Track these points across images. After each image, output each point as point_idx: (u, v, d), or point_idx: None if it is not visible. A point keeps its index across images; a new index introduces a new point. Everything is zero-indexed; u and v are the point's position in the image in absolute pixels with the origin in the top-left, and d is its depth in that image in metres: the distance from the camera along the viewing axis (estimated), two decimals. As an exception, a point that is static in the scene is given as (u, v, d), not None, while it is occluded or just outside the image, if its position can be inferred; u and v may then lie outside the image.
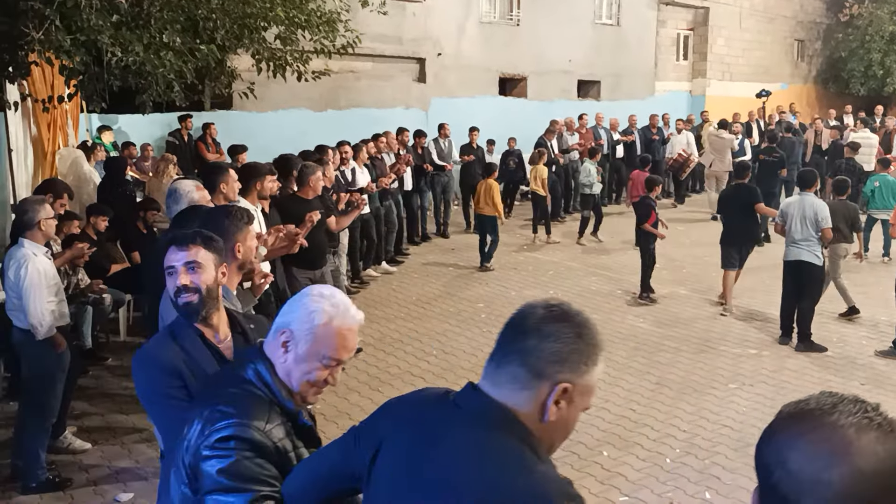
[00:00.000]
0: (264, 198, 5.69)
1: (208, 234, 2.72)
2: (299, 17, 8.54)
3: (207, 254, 2.67)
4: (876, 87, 23.58)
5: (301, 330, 2.06)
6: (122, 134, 12.60)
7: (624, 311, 8.90)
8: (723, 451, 5.48)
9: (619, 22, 20.25)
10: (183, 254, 2.64)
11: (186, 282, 2.60)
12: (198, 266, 2.63)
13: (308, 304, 2.07)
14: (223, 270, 2.72)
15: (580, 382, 1.61)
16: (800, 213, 7.69)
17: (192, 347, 2.58)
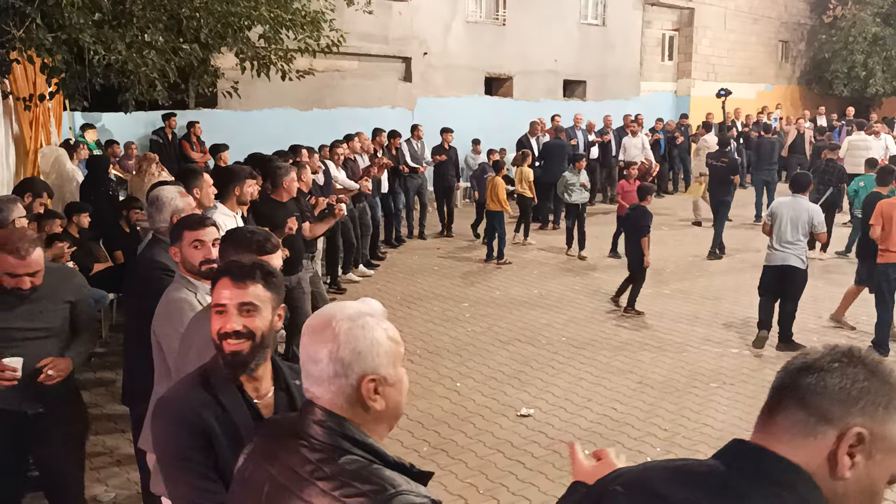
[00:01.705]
0: (243, 203, 5.30)
1: (269, 269, 2.30)
2: (283, 17, 8.52)
3: (266, 293, 2.26)
4: (859, 89, 23.79)
5: (386, 363, 1.71)
6: (106, 132, 12.54)
7: (607, 311, 8.94)
8: (703, 449, 5.52)
9: (605, 22, 20.32)
10: (239, 291, 2.22)
11: (238, 327, 2.19)
12: (253, 308, 2.23)
13: (370, 331, 1.70)
14: (280, 312, 2.32)
15: (879, 431, 1.31)
16: (791, 215, 7.51)
17: (230, 402, 2.18)
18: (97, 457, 5.40)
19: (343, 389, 1.66)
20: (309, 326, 1.73)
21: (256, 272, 2.26)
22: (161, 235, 4.00)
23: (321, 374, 1.67)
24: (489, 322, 8.53)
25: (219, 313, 2.23)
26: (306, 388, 1.71)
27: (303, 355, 1.71)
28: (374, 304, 1.84)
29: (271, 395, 2.31)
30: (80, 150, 10.41)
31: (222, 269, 2.30)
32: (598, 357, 7.44)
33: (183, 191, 4.28)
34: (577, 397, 6.47)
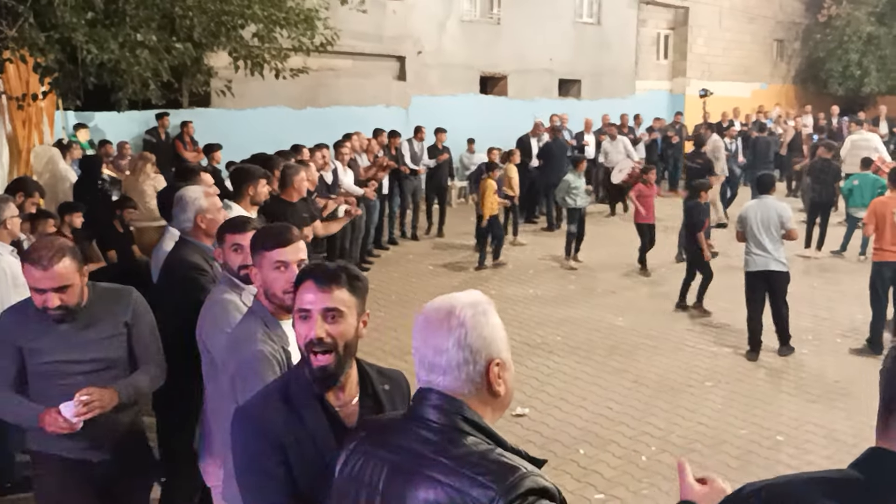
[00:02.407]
0: (256, 204, 5.16)
1: (355, 272, 2.16)
2: (277, 15, 8.51)
3: (352, 298, 2.12)
4: (854, 87, 23.83)
5: (505, 348, 1.76)
6: (99, 132, 12.49)
7: (602, 310, 8.93)
8: (698, 448, 5.52)
9: (600, 21, 20.32)
10: (324, 296, 2.07)
11: (322, 333, 2.05)
12: (339, 315, 2.08)
13: (490, 318, 1.75)
14: (365, 319, 2.18)
15: None
16: (760, 217, 7.35)
17: (310, 416, 2.08)
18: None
19: (471, 376, 1.68)
20: (426, 319, 1.74)
21: (342, 275, 2.11)
22: (187, 235, 3.99)
23: (449, 363, 1.68)
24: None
25: (302, 318, 2.09)
26: (428, 381, 1.70)
27: (422, 348, 1.72)
28: (478, 293, 1.80)
29: (356, 401, 2.18)
30: (73, 150, 10.36)
31: (306, 271, 2.16)
32: (593, 356, 7.43)
33: (208, 190, 4.23)
34: (573, 396, 6.46)
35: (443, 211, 13.23)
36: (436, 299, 1.78)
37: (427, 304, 1.78)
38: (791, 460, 5.30)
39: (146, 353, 3.30)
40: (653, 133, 17.04)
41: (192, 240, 3.97)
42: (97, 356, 3.12)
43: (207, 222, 3.97)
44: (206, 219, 3.97)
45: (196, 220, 3.96)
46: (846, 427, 5.81)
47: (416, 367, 1.73)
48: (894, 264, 7.41)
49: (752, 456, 5.38)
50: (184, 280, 3.77)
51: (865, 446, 1.44)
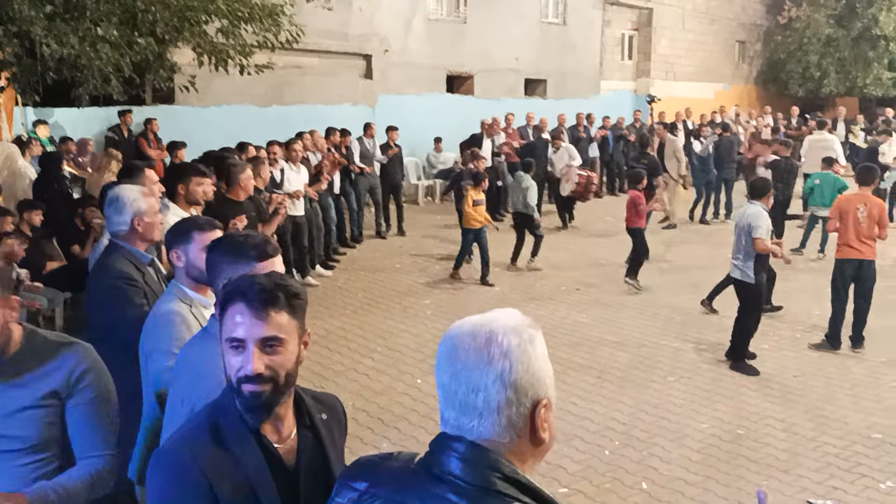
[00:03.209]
0: (193, 203, 4.89)
1: (294, 289, 1.84)
2: (241, 11, 8.44)
3: (292, 322, 1.82)
4: (813, 89, 24.30)
5: (552, 383, 1.46)
6: (59, 128, 12.27)
7: (567, 307, 8.99)
8: (660, 442, 5.58)
9: (566, 21, 20.47)
10: (260, 324, 1.77)
11: (261, 369, 1.76)
12: (278, 343, 1.79)
13: (538, 347, 1.45)
14: (306, 339, 1.89)
15: None
16: (738, 223, 7.26)
17: (247, 455, 1.77)
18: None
19: (513, 421, 1.37)
20: (457, 346, 1.42)
21: (279, 296, 1.79)
22: (119, 240, 3.65)
23: (487, 404, 1.37)
24: (450, 319, 8.43)
25: (234, 349, 1.78)
26: (458, 425, 1.39)
27: (451, 383, 1.40)
28: (518, 314, 1.48)
29: (294, 435, 1.89)
30: (32, 147, 10.18)
31: (233, 291, 1.80)
32: (558, 353, 7.47)
33: (146, 190, 3.93)
34: (537, 392, 6.49)
35: (399, 208, 13.08)
36: (466, 321, 1.48)
37: (455, 327, 1.47)
38: (751, 453, 5.39)
39: (86, 442, 2.36)
40: (603, 131, 17.09)
41: (123, 244, 3.63)
42: (11, 434, 2.27)
43: (144, 226, 3.64)
44: (144, 222, 3.64)
45: (133, 222, 3.62)
46: (805, 421, 5.91)
47: (442, 405, 1.43)
48: (856, 262, 7.48)
49: (713, 449, 5.46)
50: (110, 290, 3.48)
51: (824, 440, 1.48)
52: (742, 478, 5.06)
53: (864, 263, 7.48)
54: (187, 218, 3.30)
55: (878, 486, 4.98)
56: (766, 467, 5.20)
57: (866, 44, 23.67)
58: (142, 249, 3.66)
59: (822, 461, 5.29)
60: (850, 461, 5.28)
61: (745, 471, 5.15)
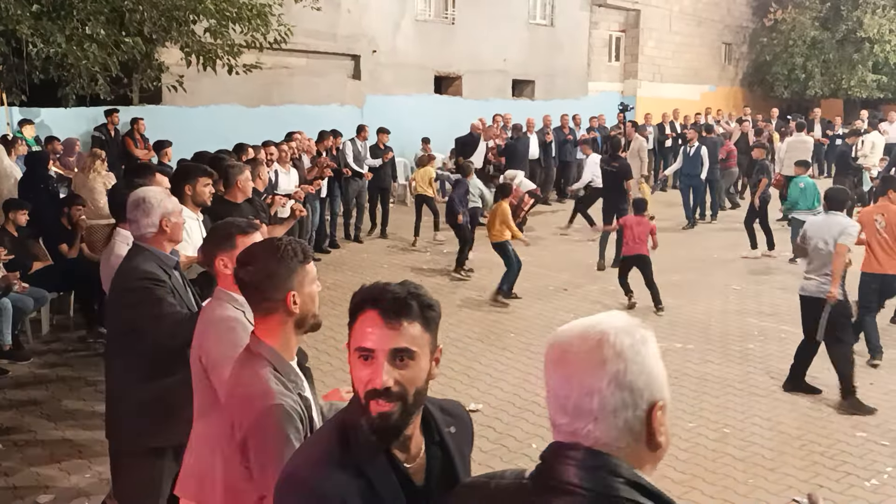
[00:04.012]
0: (199, 204, 4.83)
1: (428, 299, 1.73)
2: (229, 10, 8.42)
3: (425, 334, 1.70)
4: (798, 91, 24.48)
5: (666, 384, 1.40)
6: (45, 128, 12.19)
7: (555, 308, 9.03)
8: (648, 441, 5.61)
9: (553, 22, 20.52)
10: (392, 333, 1.65)
11: (390, 382, 1.63)
12: (410, 356, 1.66)
13: (651, 347, 1.39)
14: (438, 356, 1.76)
15: None
16: (825, 234, 6.40)
17: (379, 478, 1.66)
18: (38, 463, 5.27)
19: (630, 424, 1.32)
20: (565, 349, 1.37)
21: (413, 305, 1.67)
22: (145, 243, 3.57)
23: (603, 407, 1.31)
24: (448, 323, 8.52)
25: (364, 359, 1.65)
26: (572, 430, 1.33)
27: (561, 387, 1.35)
28: (624, 315, 1.43)
29: (423, 454, 1.76)
30: (18, 146, 10.11)
31: (368, 298, 1.68)
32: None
33: (167, 191, 3.86)
34: (525, 392, 6.52)
35: (385, 212, 12.99)
36: (572, 325, 1.43)
37: (562, 331, 1.42)
38: (737, 452, 5.43)
39: None
40: (592, 132, 17.10)
41: (147, 247, 3.56)
42: None
43: (172, 227, 3.59)
44: (171, 223, 3.59)
45: (161, 224, 3.55)
46: (791, 419, 5.96)
47: (551, 412, 1.38)
48: (878, 276, 7.26)
49: (700, 448, 5.50)
50: (138, 292, 3.42)
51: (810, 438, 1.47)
52: (728, 476, 5.10)
53: (887, 278, 7.26)
54: (227, 221, 3.12)
55: (862, 483, 5.03)
56: (752, 466, 5.24)
57: (851, 46, 23.87)
58: (167, 251, 3.60)
59: (807, 459, 5.33)
60: (835, 459, 5.33)
61: (732, 469, 5.19)
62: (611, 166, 11.23)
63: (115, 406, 3.63)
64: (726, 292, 9.78)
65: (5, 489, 4.88)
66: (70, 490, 4.84)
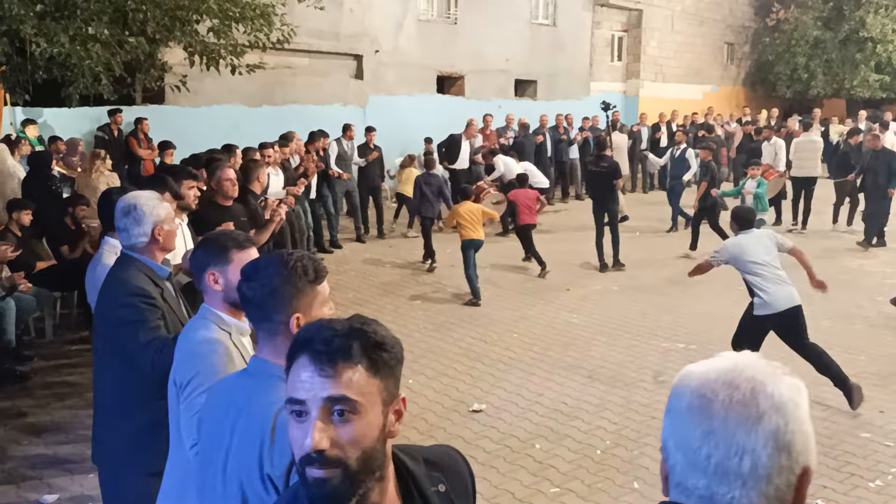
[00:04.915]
0: (185, 208, 4.64)
1: (377, 338, 1.40)
2: (233, 10, 8.44)
3: (372, 380, 1.37)
4: (801, 90, 24.45)
5: (814, 451, 1.21)
6: (48, 128, 12.20)
7: (557, 307, 9.02)
8: (651, 441, 5.61)
9: (556, 22, 20.52)
10: (323, 382, 1.34)
11: (324, 444, 1.31)
12: (352, 410, 1.34)
13: (804, 398, 1.20)
14: (399, 408, 1.44)
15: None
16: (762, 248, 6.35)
17: None
18: (42, 460, 5.28)
19: (781, 492, 1.14)
20: (714, 400, 1.17)
21: (353, 345, 1.37)
22: (135, 252, 3.29)
23: (755, 471, 1.13)
24: (441, 319, 8.55)
25: (295, 415, 1.36)
26: (709, 494, 1.15)
27: (702, 444, 1.16)
28: (757, 356, 1.24)
29: None
30: (21, 146, 10.12)
31: (300, 339, 1.39)
32: (548, 352, 7.50)
33: (158, 195, 3.63)
34: (528, 392, 6.52)
35: (379, 210, 12.95)
36: (707, 367, 1.24)
37: (698, 374, 1.23)
38: (741, 452, 5.42)
39: None
40: (584, 132, 17.07)
41: (138, 256, 3.27)
42: None
43: (165, 235, 3.32)
44: (164, 231, 3.31)
45: (153, 233, 3.28)
46: (793, 419, 5.95)
47: (683, 470, 1.19)
48: None
49: (704, 448, 5.49)
50: (122, 308, 3.13)
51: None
52: (732, 477, 5.09)
53: None
54: (220, 232, 2.86)
55: (867, 484, 5.02)
56: (756, 466, 5.23)
57: (853, 46, 23.84)
58: (159, 261, 3.34)
59: (810, 460, 5.31)
60: (838, 460, 5.32)
61: (735, 470, 5.18)
62: (599, 167, 11.12)
63: (105, 428, 3.33)
64: (730, 293, 9.76)
65: (8, 484, 4.89)
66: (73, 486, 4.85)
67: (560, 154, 16.58)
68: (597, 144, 11.68)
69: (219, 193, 5.40)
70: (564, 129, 16.97)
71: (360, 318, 1.43)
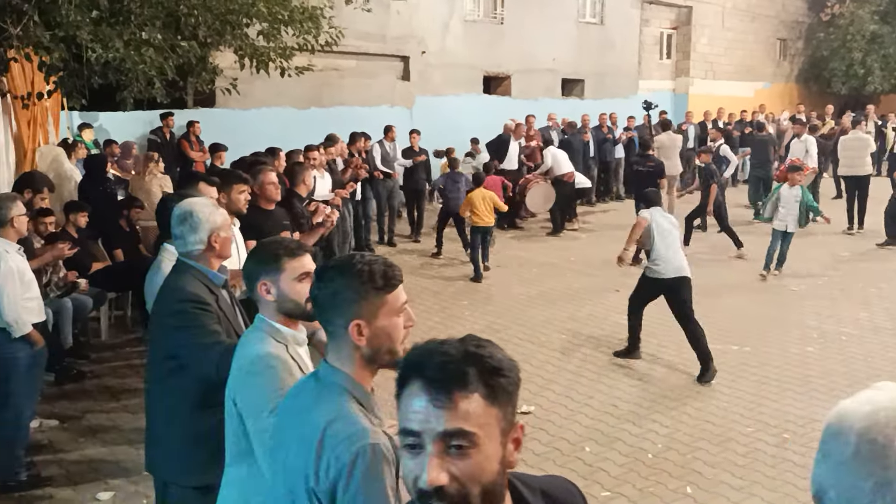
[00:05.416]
0: (236, 212, 4.58)
1: (494, 363, 1.29)
2: (282, 14, 8.51)
3: (490, 409, 1.27)
4: (857, 87, 23.83)
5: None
6: (104, 132, 12.51)
7: (606, 308, 8.92)
8: (704, 445, 5.50)
9: (603, 21, 20.32)
10: (438, 413, 1.25)
11: (442, 479, 1.23)
12: (471, 443, 1.25)
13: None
14: (517, 436, 1.33)
15: None
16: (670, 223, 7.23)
17: None
18: (98, 458, 5.37)
19: None
20: (888, 446, 1.08)
21: (469, 372, 1.26)
22: (191, 259, 3.25)
23: None
24: (488, 320, 8.51)
25: (409, 449, 1.27)
26: None
27: (868, 494, 1.08)
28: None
29: None
30: (77, 150, 10.38)
31: (411, 363, 1.31)
32: (597, 354, 7.42)
33: (214, 201, 3.55)
34: (577, 395, 6.45)
35: (420, 215, 12.90)
36: (874, 402, 1.16)
37: (856, 411, 1.17)
38: (798, 458, 5.28)
39: None
40: (629, 132, 16.84)
41: (194, 264, 3.23)
42: None
43: (221, 242, 3.28)
44: (220, 238, 3.27)
45: (210, 241, 3.24)
46: (853, 425, 5.78)
47: None
48: None
49: (759, 454, 5.37)
50: (178, 315, 3.08)
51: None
52: (789, 482, 4.97)
53: None
54: (272, 240, 2.81)
55: None
56: (814, 472, 5.09)
57: (912, 40, 23.18)
58: (215, 269, 3.30)
59: (871, 467, 5.16)
60: None
61: (792, 475, 5.05)
62: (646, 166, 11.19)
63: (155, 437, 3.29)
64: (784, 293, 9.56)
65: (65, 484, 4.99)
66: (127, 485, 4.93)
67: (604, 154, 16.41)
68: (641, 143, 11.65)
69: (261, 197, 5.31)
70: (609, 128, 16.81)
71: (475, 340, 1.32)
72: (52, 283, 6.67)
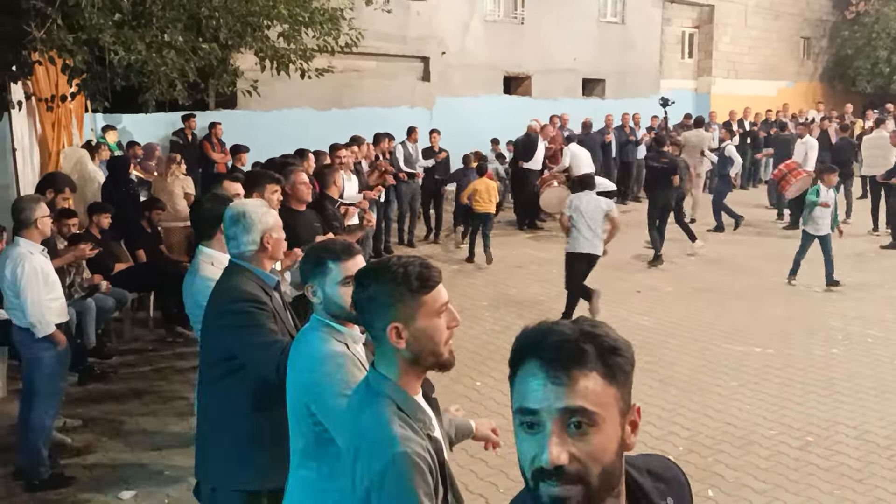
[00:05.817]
0: None
1: (611, 342, 1.27)
2: (303, 15, 8.54)
3: (608, 388, 1.25)
4: (882, 85, 23.53)
5: None
6: (126, 133, 12.63)
7: (627, 310, 8.87)
8: (726, 448, 5.45)
9: (624, 20, 20.23)
10: (559, 391, 1.22)
11: (563, 459, 1.20)
12: (591, 422, 1.22)
13: None
14: (634, 419, 1.32)
15: None
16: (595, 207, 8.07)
17: None
18: (120, 458, 5.41)
19: None
20: None
21: (587, 350, 1.24)
22: (243, 261, 3.21)
23: None
24: (508, 320, 8.49)
25: (526, 427, 1.25)
26: None
27: None
28: None
29: None
30: (101, 152, 10.48)
31: (526, 344, 1.29)
32: (619, 356, 7.36)
33: (266, 203, 3.54)
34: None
35: (438, 217, 12.91)
36: None
37: None
38: (822, 461, 5.22)
39: None
40: (652, 132, 16.75)
41: (247, 265, 3.19)
42: None
43: (273, 243, 3.24)
44: (273, 238, 3.23)
45: (263, 241, 3.20)
46: (878, 428, 5.71)
47: None
48: None
49: (782, 457, 5.31)
50: (235, 315, 3.04)
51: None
52: (812, 486, 4.91)
53: None
54: (322, 243, 2.85)
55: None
56: (839, 476, 5.03)
57: (940, 38, 22.85)
58: (267, 270, 3.27)
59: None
60: None
61: (816, 479, 4.99)
62: (660, 162, 11.13)
63: (206, 441, 3.23)
64: (808, 295, 9.46)
65: (88, 483, 5.03)
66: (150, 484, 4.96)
67: (626, 154, 16.33)
68: (655, 140, 11.62)
69: (293, 197, 5.27)
70: (631, 128, 16.70)
71: (589, 321, 1.31)
72: (75, 285, 6.74)
